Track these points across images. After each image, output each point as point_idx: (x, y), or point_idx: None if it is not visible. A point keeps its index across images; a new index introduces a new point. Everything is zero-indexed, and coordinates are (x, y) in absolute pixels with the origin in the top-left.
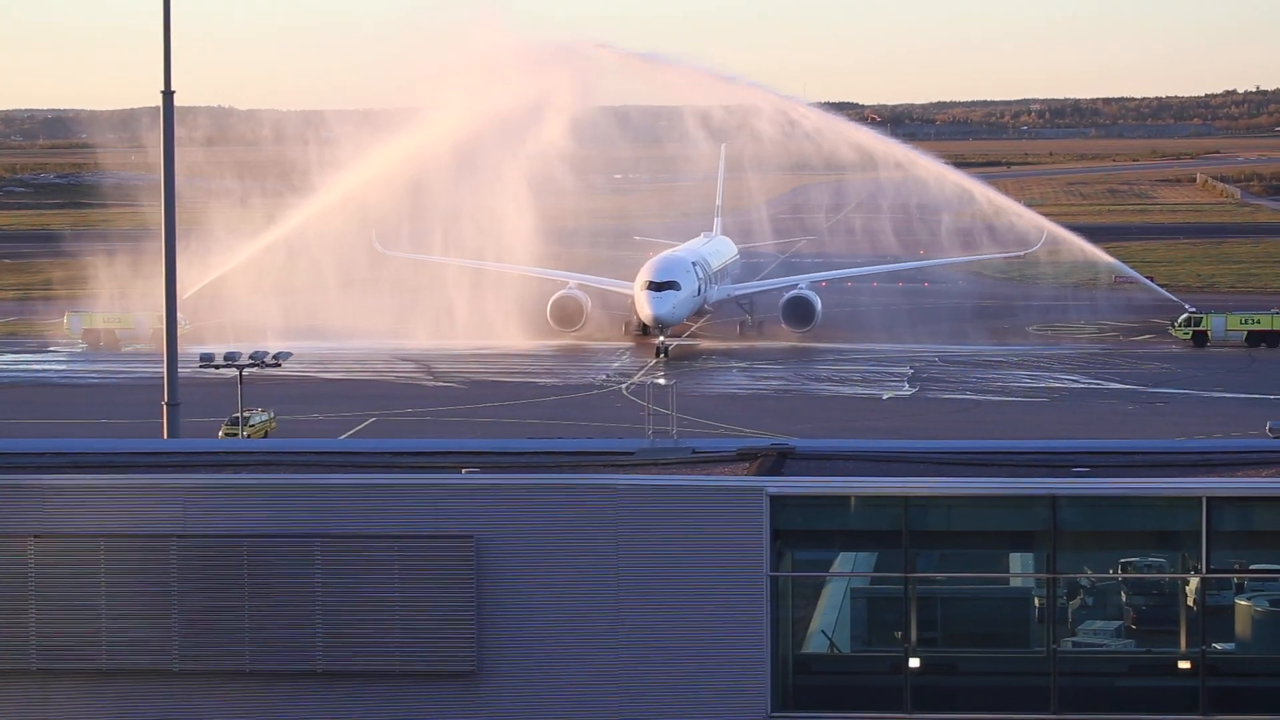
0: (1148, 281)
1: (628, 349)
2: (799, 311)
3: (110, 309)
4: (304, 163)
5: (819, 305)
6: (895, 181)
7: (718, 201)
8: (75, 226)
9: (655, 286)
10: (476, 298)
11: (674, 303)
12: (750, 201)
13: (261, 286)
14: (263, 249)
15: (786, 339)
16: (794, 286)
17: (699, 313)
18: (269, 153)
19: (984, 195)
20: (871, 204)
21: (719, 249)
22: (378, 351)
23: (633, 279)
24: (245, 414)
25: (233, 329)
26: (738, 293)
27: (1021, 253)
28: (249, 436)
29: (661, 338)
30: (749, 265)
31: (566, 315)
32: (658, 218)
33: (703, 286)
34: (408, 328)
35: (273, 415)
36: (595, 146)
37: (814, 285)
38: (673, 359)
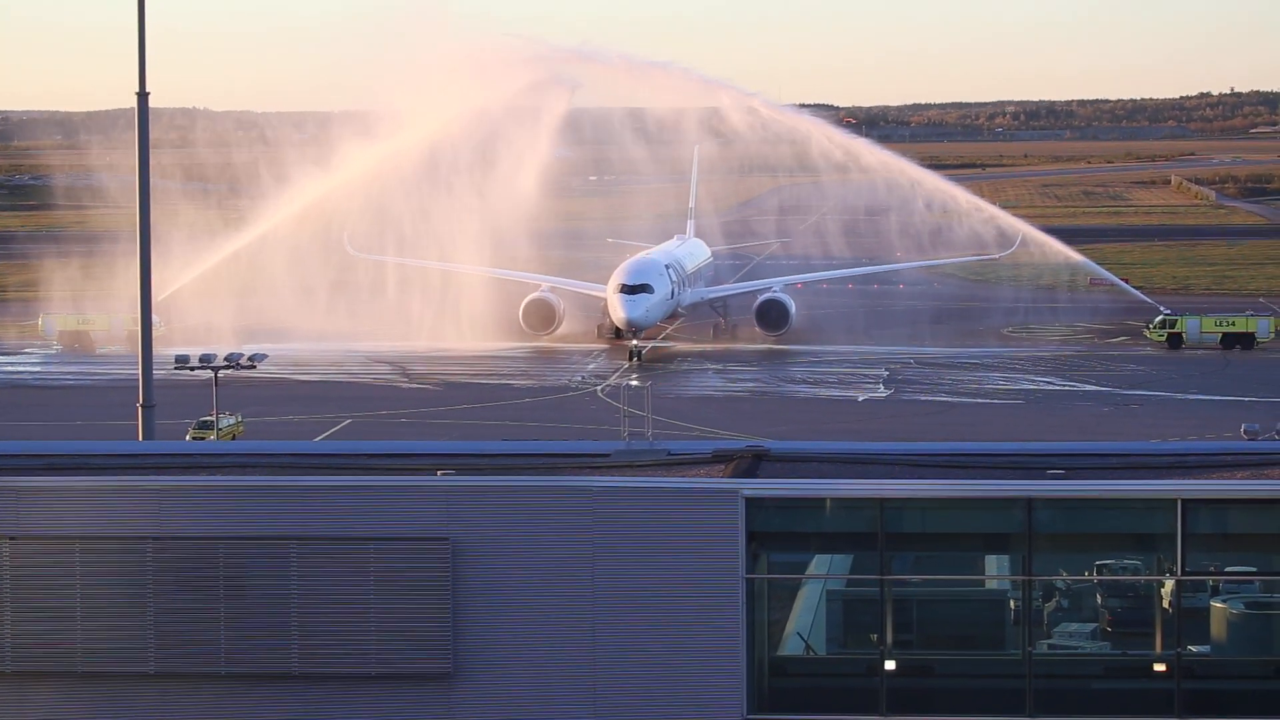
0: (1123, 283)
1: (601, 352)
2: (772, 315)
3: (84, 310)
4: (277, 165)
5: (793, 308)
6: (869, 184)
7: (691, 203)
8: (50, 228)
9: (628, 289)
10: (448, 300)
11: (647, 306)
12: (725, 203)
13: (236, 288)
14: (237, 250)
15: (760, 342)
16: (768, 289)
17: (672, 315)
18: (242, 154)
19: (959, 197)
20: (846, 206)
21: (692, 251)
22: (352, 353)
23: (606, 281)
24: (212, 417)
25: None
26: (711, 295)
27: (997, 255)
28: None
29: (635, 341)
30: (724, 267)
31: (539, 318)
32: (630, 219)
33: (676, 289)
34: (379, 330)
35: (240, 419)
36: (569, 148)
37: (788, 288)
38: (646, 362)
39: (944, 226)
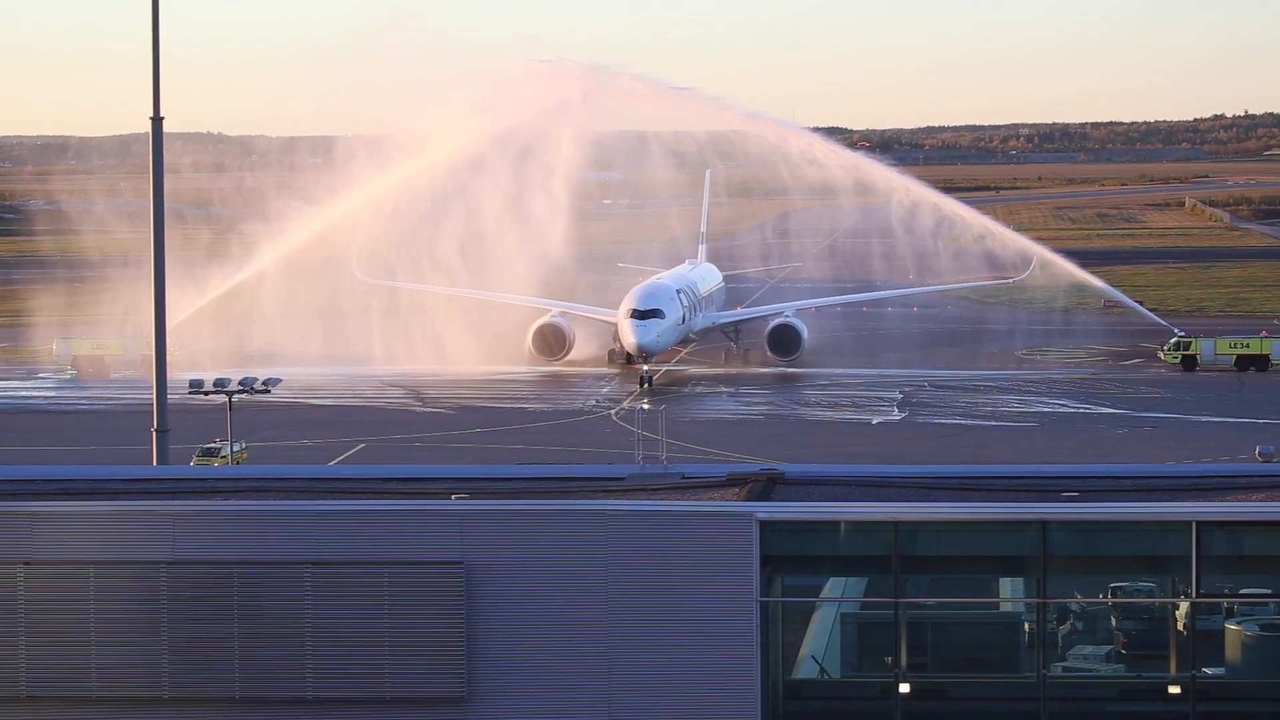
0: (1137, 305)
1: (612, 377)
2: (785, 340)
3: (98, 335)
4: (289, 189)
5: (805, 333)
6: (883, 206)
7: (702, 228)
8: (57, 254)
9: (639, 314)
10: (457, 326)
11: (658, 331)
12: (738, 227)
13: (250, 313)
14: (251, 275)
15: (773, 367)
16: (780, 314)
17: (684, 341)
18: (257, 178)
19: (973, 220)
20: (860, 229)
21: (704, 276)
22: (366, 378)
23: (617, 306)
24: (216, 444)
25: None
26: (723, 320)
27: (1011, 279)
28: None
29: (645, 366)
30: (739, 290)
31: (548, 343)
32: (642, 243)
33: (687, 314)
34: (387, 356)
35: (244, 446)
36: (582, 171)
37: (801, 313)
38: (657, 388)
39: (958, 250)
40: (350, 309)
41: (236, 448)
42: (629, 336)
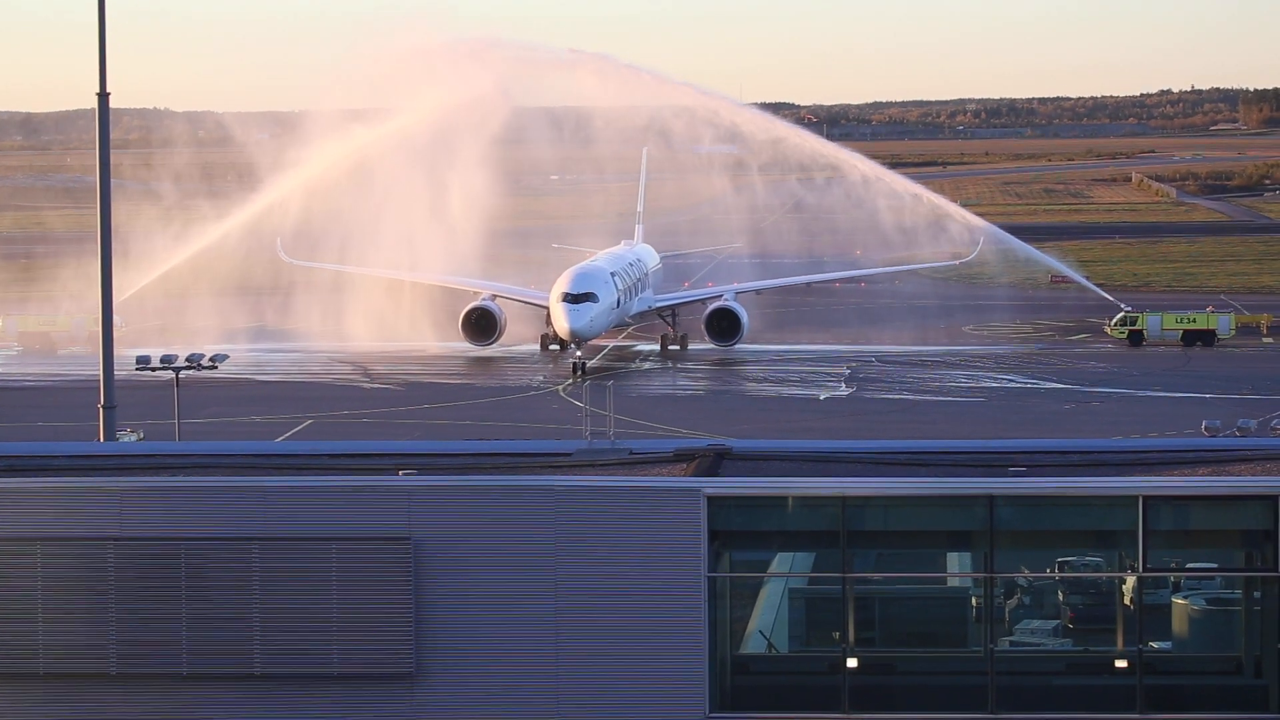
0: (1084, 280)
1: (540, 360)
2: (723, 325)
3: (44, 311)
4: (235, 166)
5: (745, 317)
6: (830, 183)
7: (639, 207)
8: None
9: (571, 299)
10: (389, 309)
11: (591, 315)
12: (679, 204)
13: (196, 289)
14: (195, 252)
15: (712, 353)
16: (718, 297)
17: (620, 325)
18: (202, 155)
19: (921, 197)
20: (806, 206)
21: (640, 257)
22: (312, 354)
23: (549, 287)
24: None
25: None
26: (660, 304)
27: (957, 261)
28: None
29: (579, 353)
30: (684, 267)
31: (479, 328)
32: (575, 220)
33: (622, 298)
34: (316, 335)
35: (141, 436)
36: (519, 148)
37: (741, 296)
38: (590, 376)
39: (907, 227)
40: (282, 288)
41: (133, 437)
42: (561, 321)
